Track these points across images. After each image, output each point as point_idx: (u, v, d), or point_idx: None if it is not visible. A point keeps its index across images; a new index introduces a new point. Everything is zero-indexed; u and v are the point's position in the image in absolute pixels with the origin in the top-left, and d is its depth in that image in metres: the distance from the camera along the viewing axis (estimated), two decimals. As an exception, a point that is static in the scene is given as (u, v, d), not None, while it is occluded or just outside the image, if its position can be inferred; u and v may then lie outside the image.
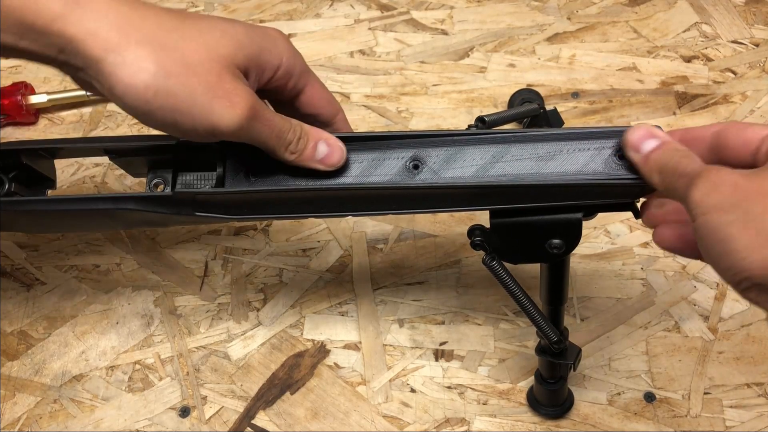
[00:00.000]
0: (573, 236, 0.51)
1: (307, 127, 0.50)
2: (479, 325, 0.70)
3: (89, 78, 0.44)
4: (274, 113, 0.48)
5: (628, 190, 0.48)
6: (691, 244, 0.46)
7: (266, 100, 0.53)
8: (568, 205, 0.50)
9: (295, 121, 0.49)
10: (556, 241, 0.51)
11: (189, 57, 0.43)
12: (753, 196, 0.37)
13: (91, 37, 0.42)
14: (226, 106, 0.44)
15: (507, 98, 0.84)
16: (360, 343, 0.70)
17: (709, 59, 0.88)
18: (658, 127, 0.46)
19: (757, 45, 0.89)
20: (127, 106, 0.44)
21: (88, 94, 0.84)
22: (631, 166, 0.47)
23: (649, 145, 0.45)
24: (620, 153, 0.48)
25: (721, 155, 0.45)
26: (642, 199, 0.51)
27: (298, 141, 0.49)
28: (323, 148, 0.49)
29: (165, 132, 0.46)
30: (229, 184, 0.52)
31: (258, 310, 0.72)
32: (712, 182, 0.39)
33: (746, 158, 0.43)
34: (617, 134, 0.48)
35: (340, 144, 0.50)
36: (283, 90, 0.51)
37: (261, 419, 0.66)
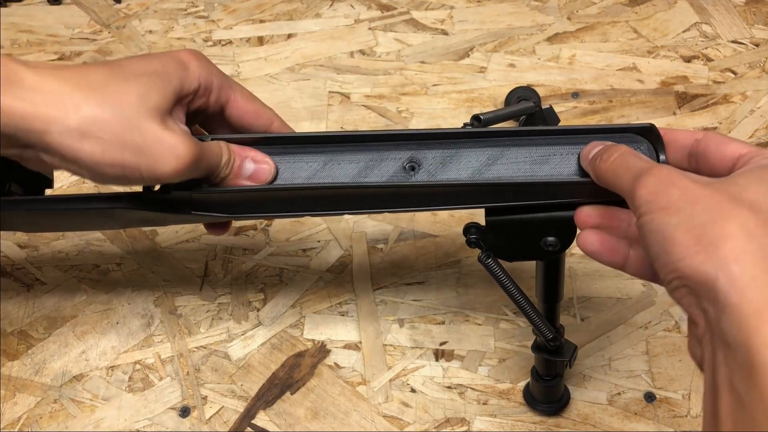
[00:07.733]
0: (567, 233, 0.51)
1: (232, 146, 0.51)
2: (479, 325, 0.70)
3: (38, 153, 0.44)
4: (208, 144, 0.48)
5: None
6: (613, 253, 0.47)
7: (196, 125, 0.54)
8: (563, 203, 0.50)
9: (222, 142, 0.50)
10: (551, 238, 0.51)
11: (127, 111, 0.44)
12: (702, 203, 0.37)
13: (30, 112, 0.42)
14: (172, 159, 0.45)
15: (507, 98, 0.85)
16: (360, 343, 0.70)
17: (709, 59, 0.87)
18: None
19: (757, 45, 0.89)
20: (79, 169, 0.45)
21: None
22: None
23: (597, 148, 0.47)
24: None
25: (699, 165, 0.46)
26: None
27: (228, 162, 0.50)
28: (250, 165, 0.50)
29: (112, 184, 0.47)
30: None
31: (258, 310, 0.72)
32: (662, 182, 0.39)
33: (722, 173, 0.44)
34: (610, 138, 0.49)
35: (268, 160, 0.51)
36: (206, 107, 0.51)
37: (261, 419, 0.66)
